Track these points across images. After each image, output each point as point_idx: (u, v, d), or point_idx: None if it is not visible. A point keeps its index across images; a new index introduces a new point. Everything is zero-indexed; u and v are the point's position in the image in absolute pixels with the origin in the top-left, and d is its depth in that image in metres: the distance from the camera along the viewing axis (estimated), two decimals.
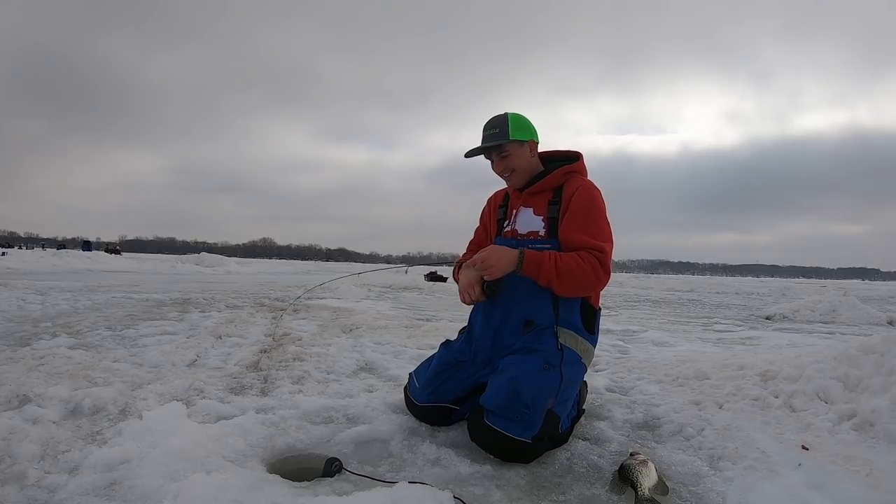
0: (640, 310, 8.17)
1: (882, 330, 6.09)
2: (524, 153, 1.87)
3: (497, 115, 1.87)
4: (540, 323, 1.77)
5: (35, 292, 6.58)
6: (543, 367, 1.66)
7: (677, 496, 1.42)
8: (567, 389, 1.70)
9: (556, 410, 1.65)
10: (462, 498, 1.33)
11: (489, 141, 1.85)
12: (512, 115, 1.86)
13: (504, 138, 1.82)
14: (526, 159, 1.88)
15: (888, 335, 2.20)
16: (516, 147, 1.85)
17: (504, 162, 1.87)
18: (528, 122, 1.88)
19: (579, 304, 1.81)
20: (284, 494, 1.30)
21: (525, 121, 1.87)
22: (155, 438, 1.49)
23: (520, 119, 1.86)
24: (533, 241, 1.82)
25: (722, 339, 4.69)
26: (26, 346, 2.99)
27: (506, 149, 1.84)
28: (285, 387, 2.34)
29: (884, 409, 1.79)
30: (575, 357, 1.77)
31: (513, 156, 1.85)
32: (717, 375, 2.48)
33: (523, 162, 1.87)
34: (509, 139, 1.82)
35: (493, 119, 1.87)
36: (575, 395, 1.81)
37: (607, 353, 3.53)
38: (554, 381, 1.66)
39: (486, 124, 1.87)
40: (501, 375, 1.66)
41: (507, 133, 1.82)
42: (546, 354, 1.70)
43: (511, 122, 1.83)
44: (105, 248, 37.07)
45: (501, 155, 1.86)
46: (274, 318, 4.81)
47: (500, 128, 1.83)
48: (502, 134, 1.83)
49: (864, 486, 1.43)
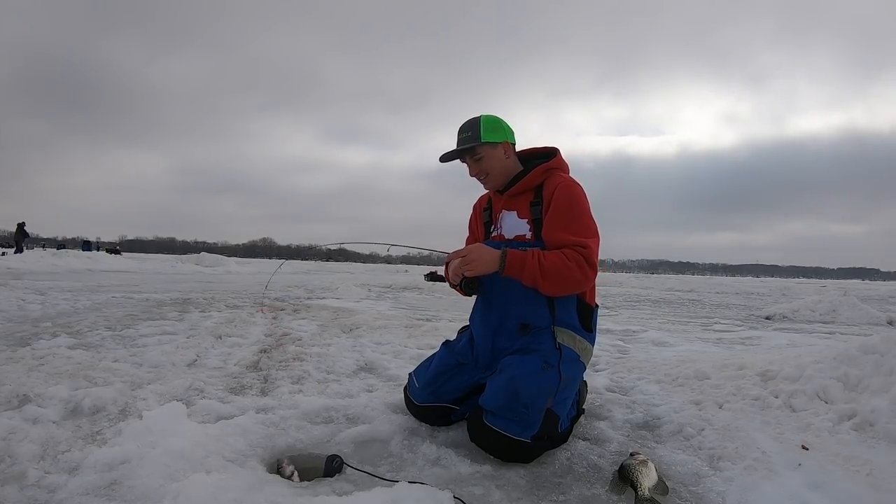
0: (640, 310, 8.17)
1: (882, 330, 6.09)
2: (497, 155, 1.86)
3: (470, 119, 1.87)
4: (536, 325, 1.77)
5: (35, 292, 6.58)
6: (542, 367, 1.66)
7: (677, 496, 1.42)
8: (566, 388, 1.70)
9: (556, 410, 1.65)
10: (462, 498, 1.33)
11: (461, 144, 1.84)
12: (485, 118, 1.84)
13: (476, 141, 1.81)
14: (500, 161, 1.86)
15: (888, 335, 2.19)
16: (489, 149, 1.84)
17: (478, 165, 1.86)
18: (501, 123, 1.87)
19: (575, 303, 1.81)
20: (284, 494, 1.31)
21: (498, 122, 1.86)
22: (155, 438, 1.49)
23: (492, 121, 1.85)
24: (521, 244, 1.82)
25: (722, 339, 4.69)
26: (26, 346, 2.99)
27: (478, 151, 1.83)
28: (285, 387, 2.34)
29: (884, 409, 1.79)
30: (573, 356, 1.77)
31: (486, 158, 1.84)
32: (717, 375, 2.48)
33: (497, 164, 1.86)
34: (481, 142, 1.81)
35: (466, 123, 1.86)
36: (574, 394, 1.81)
37: (607, 353, 3.53)
38: (553, 381, 1.66)
39: (459, 128, 1.87)
40: (500, 376, 1.66)
41: (479, 136, 1.81)
42: (544, 354, 1.70)
43: (483, 125, 1.82)
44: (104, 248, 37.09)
45: (475, 158, 1.85)
46: (274, 318, 4.81)
47: (472, 131, 1.83)
48: (474, 137, 1.82)
49: (864, 486, 1.43)
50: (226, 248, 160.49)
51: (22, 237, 21.64)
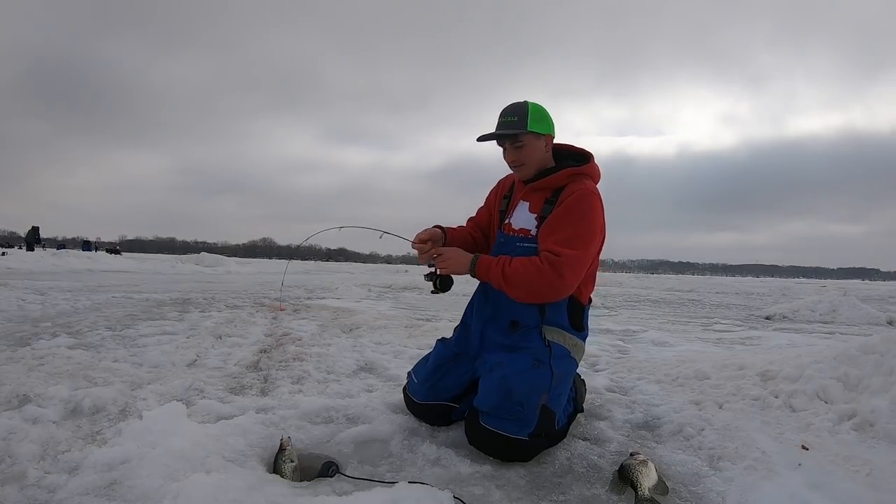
0: (640, 310, 8.17)
1: (882, 330, 6.09)
2: (539, 147, 1.79)
3: (516, 103, 1.78)
4: (526, 323, 1.77)
5: (35, 292, 6.58)
6: (533, 364, 1.65)
7: (677, 496, 1.42)
8: (559, 385, 1.70)
9: (551, 406, 1.65)
10: (462, 498, 1.33)
11: (505, 128, 1.76)
12: (532, 105, 1.76)
13: (522, 128, 1.74)
14: (540, 153, 1.80)
15: (888, 335, 2.19)
16: (532, 139, 1.77)
17: (518, 153, 1.78)
18: (547, 115, 1.79)
19: (566, 302, 1.78)
20: (284, 494, 1.31)
21: (544, 112, 1.78)
22: (155, 438, 1.49)
23: (540, 110, 1.77)
24: (523, 238, 1.81)
25: (722, 339, 4.68)
26: (26, 346, 2.99)
27: (521, 139, 1.76)
28: (285, 387, 2.34)
29: (884, 409, 1.79)
30: (564, 352, 1.75)
31: (528, 148, 1.77)
32: (717, 375, 2.48)
33: (537, 156, 1.80)
34: (527, 130, 1.74)
35: (512, 106, 1.78)
36: (568, 389, 1.80)
37: (607, 353, 3.53)
38: (545, 377, 1.65)
39: (503, 110, 1.78)
40: (492, 375, 1.65)
41: (525, 123, 1.73)
42: (533, 351, 1.69)
43: (531, 113, 1.74)
44: (104, 248, 37.13)
45: (516, 145, 1.77)
46: (274, 318, 4.81)
47: (518, 116, 1.74)
48: (520, 123, 1.74)
49: (864, 486, 1.43)
50: (226, 248, 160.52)
51: (34, 239, 22.12)
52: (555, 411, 1.66)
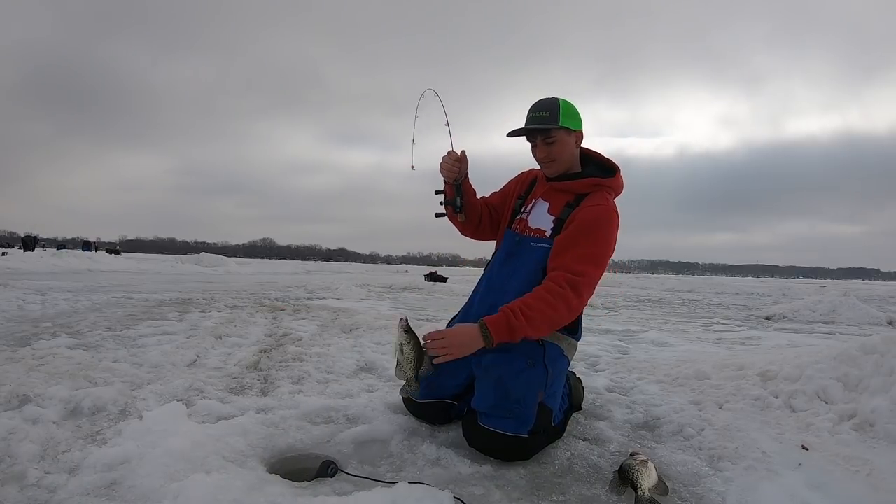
0: (641, 310, 8.17)
1: (882, 330, 6.10)
2: (570, 143, 1.78)
3: (546, 98, 1.77)
4: None
5: (35, 292, 6.58)
6: (527, 364, 1.66)
7: (677, 496, 1.42)
8: (554, 383, 1.71)
9: (548, 403, 1.66)
10: (462, 498, 1.33)
11: (537, 123, 1.74)
12: (563, 101, 1.76)
13: (554, 123, 1.73)
14: (571, 150, 1.79)
15: (888, 335, 2.19)
16: (564, 135, 1.76)
17: (549, 149, 1.77)
18: (577, 111, 1.78)
19: None
20: (284, 494, 1.30)
21: (575, 109, 1.77)
22: (155, 438, 1.49)
23: (571, 106, 1.77)
24: (538, 238, 1.79)
25: (722, 339, 4.68)
26: (26, 346, 2.99)
27: (553, 135, 1.75)
28: (285, 387, 2.34)
29: (884, 409, 1.79)
30: (557, 351, 1.76)
31: (559, 143, 1.76)
32: (717, 375, 2.48)
33: (568, 152, 1.79)
34: (559, 125, 1.73)
35: (543, 101, 1.77)
36: (563, 386, 1.81)
37: (607, 353, 3.53)
38: (540, 376, 1.66)
39: (533, 105, 1.77)
40: (488, 377, 1.65)
41: (557, 118, 1.72)
42: (526, 351, 1.68)
43: (562, 108, 1.74)
44: (104, 249, 37.21)
45: (548, 141, 1.76)
46: (274, 319, 4.81)
47: (550, 112, 1.73)
48: (553, 118, 1.73)
49: (864, 486, 1.43)
50: (226, 248, 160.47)
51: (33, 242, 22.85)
52: (552, 408, 1.68)
